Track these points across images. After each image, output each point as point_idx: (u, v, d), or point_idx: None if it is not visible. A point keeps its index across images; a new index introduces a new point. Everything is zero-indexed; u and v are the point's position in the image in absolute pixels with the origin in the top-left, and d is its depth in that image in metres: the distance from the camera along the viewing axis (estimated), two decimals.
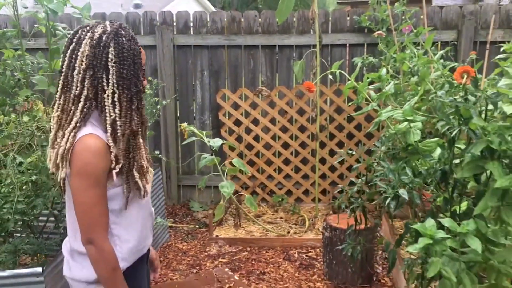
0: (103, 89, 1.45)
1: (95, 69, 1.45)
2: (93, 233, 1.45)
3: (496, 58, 2.39)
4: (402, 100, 3.15)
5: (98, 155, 1.43)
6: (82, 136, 1.43)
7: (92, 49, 1.44)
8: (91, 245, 1.45)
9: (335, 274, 3.20)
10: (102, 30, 1.47)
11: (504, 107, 1.72)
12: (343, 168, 4.54)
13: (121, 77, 1.46)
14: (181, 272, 3.41)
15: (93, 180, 1.42)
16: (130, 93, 1.48)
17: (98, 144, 1.43)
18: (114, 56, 1.45)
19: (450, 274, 1.78)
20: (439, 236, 1.73)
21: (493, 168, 1.74)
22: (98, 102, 1.46)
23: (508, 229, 1.87)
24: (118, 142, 1.47)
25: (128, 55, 1.48)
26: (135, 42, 1.52)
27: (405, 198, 1.92)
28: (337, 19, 4.44)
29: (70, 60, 1.46)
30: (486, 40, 4.23)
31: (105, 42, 1.45)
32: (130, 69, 1.48)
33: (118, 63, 1.46)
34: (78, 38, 1.47)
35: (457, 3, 13.89)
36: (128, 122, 1.48)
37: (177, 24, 4.60)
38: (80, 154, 1.41)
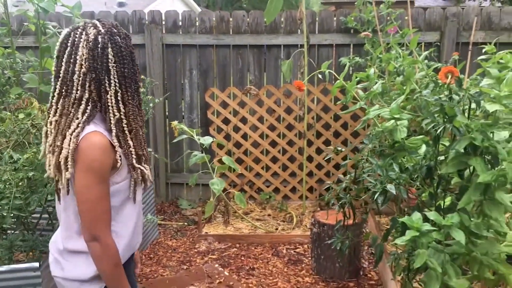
0: (106, 90, 1.46)
1: (96, 71, 1.45)
2: (98, 229, 1.46)
3: (478, 59, 2.48)
4: (388, 99, 3.23)
5: (104, 152, 1.44)
6: (87, 133, 1.44)
7: (90, 52, 1.44)
8: (95, 242, 1.46)
9: (323, 269, 3.28)
10: (96, 31, 1.47)
11: (487, 106, 1.80)
12: (330, 166, 4.63)
13: (123, 76, 1.49)
14: (171, 269, 3.46)
15: (99, 176, 1.44)
16: (132, 91, 1.52)
17: (103, 141, 1.45)
18: (113, 56, 1.46)
19: (436, 265, 1.87)
20: (425, 229, 1.81)
21: (476, 163, 1.83)
22: (102, 103, 1.47)
23: (490, 222, 1.96)
24: (125, 141, 1.50)
25: (127, 54, 1.50)
26: (129, 39, 1.54)
27: (393, 193, 2.00)
28: (323, 20, 4.53)
29: (68, 65, 1.46)
30: (468, 41, 4.36)
31: (103, 43, 1.45)
32: (130, 67, 1.51)
33: (119, 63, 1.47)
34: (72, 42, 1.46)
35: (439, 5, 14.12)
36: (133, 120, 1.52)
37: (166, 23, 4.64)
38: (87, 151, 1.42)
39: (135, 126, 1.52)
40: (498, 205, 1.88)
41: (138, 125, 1.54)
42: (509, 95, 1.85)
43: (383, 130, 2.28)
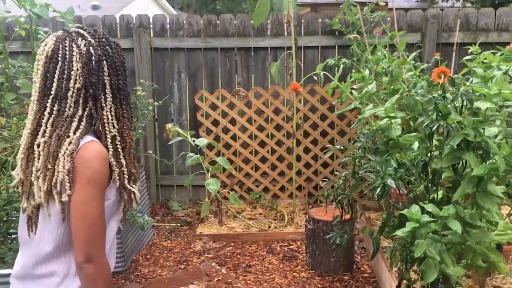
0: (102, 106, 1.38)
1: (92, 86, 1.36)
2: (95, 249, 1.33)
3: (464, 59, 2.62)
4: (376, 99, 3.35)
5: (105, 162, 1.35)
6: (86, 142, 1.34)
7: (85, 66, 1.35)
8: (90, 263, 1.32)
9: (318, 264, 3.39)
10: (87, 42, 1.37)
11: (479, 104, 1.92)
12: (318, 165, 4.74)
13: (117, 89, 1.41)
14: (169, 268, 3.52)
15: (100, 189, 1.34)
16: (126, 104, 1.44)
17: (104, 151, 1.36)
18: (108, 69, 1.38)
19: (434, 254, 1.99)
20: (424, 220, 1.92)
21: (469, 158, 1.96)
22: (97, 120, 1.38)
23: (483, 212, 2.09)
24: (118, 160, 1.40)
25: (120, 64, 1.42)
26: (120, 49, 1.46)
27: (392, 187, 2.12)
28: (309, 22, 4.64)
29: (61, 82, 1.34)
30: (448, 42, 4.54)
31: (97, 56, 1.37)
32: (124, 78, 1.43)
33: (113, 75, 1.39)
34: (63, 56, 1.35)
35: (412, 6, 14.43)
36: (127, 135, 1.43)
37: (154, 27, 4.69)
38: (89, 161, 1.32)
39: (129, 142, 1.43)
40: (491, 196, 2.01)
41: (131, 140, 1.44)
42: (498, 93, 1.98)
43: (377, 128, 2.39)
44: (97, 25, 4.65)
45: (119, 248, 3.36)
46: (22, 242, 1.46)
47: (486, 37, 4.52)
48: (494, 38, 4.52)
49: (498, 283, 2.90)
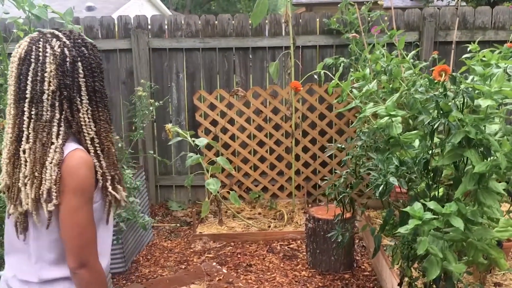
0: (78, 109, 1.35)
1: (67, 88, 1.33)
2: (88, 254, 1.34)
3: (463, 57, 2.63)
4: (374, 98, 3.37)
5: (91, 169, 1.34)
6: (71, 151, 1.32)
7: (59, 68, 1.32)
8: (84, 268, 1.33)
9: (318, 263, 3.40)
10: (61, 44, 1.34)
11: (480, 101, 1.94)
12: (316, 164, 4.75)
13: (93, 91, 1.38)
14: (170, 268, 3.52)
15: (88, 197, 1.34)
16: (102, 106, 1.41)
17: (88, 158, 1.35)
18: (83, 71, 1.35)
19: (437, 251, 2.00)
20: (427, 217, 1.93)
21: (471, 155, 1.97)
22: (75, 122, 1.35)
23: (484, 209, 2.10)
24: (102, 159, 1.39)
25: (96, 66, 1.39)
26: (97, 49, 1.43)
27: (394, 184, 2.13)
28: (307, 22, 4.65)
29: (35, 84, 1.31)
30: (445, 40, 4.56)
31: (72, 57, 1.34)
32: (100, 80, 1.41)
33: (89, 77, 1.37)
34: (37, 57, 1.32)
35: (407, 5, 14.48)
36: (105, 138, 1.41)
37: (152, 28, 4.69)
38: (76, 170, 1.31)
39: (107, 145, 1.41)
40: (492, 193, 2.02)
41: (110, 142, 1.42)
42: (499, 90, 1.99)
43: (378, 126, 2.40)
44: (95, 26, 4.65)
45: (119, 249, 3.36)
46: (14, 247, 1.44)
47: (483, 36, 4.54)
48: (491, 36, 4.54)
49: (499, 279, 2.92)
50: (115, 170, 1.44)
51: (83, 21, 4.64)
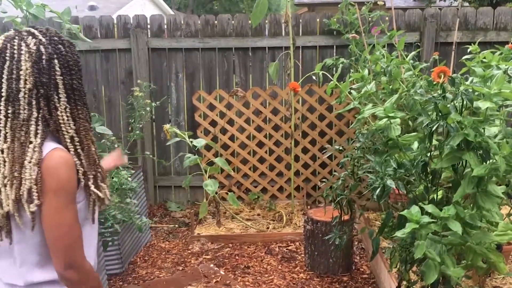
0: (55, 107, 1.32)
1: (43, 86, 1.31)
2: (74, 255, 1.32)
3: (463, 59, 2.61)
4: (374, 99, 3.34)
5: (72, 168, 1.31)
6: (50, 151, 1.30)
7: (35, 65, 1.30)
8: (71, 269, 1.31)
9: (317, 265, 3.37)
10: (37, 41, 1.32)
11: (479, 103, 1.91)
12: (316, 165, 4.72)
13: (71, 89, 1.36)
14: (167, 270, 3.50)
15: (71, 197, 1.31)
16: (81, 104, 1.38)
17: (69, 157, 1.32)
18: (60, 68, 1.33)
19: (434, 255, 1.97)
20: (424, 221, 1.91)
21: (469, 158, 1.94)
22: (53, 121, 1.33)
23: (483, 213, 2.07)
24: (82, 158, 1.36)
25: (73, 64, 1.37)
26: (74, 47, 1.40)
27: (391, 187, 2.10)
28: (307, 22, 4.62)
29: (10, 82, 1.30)
30: (446, 41, 4.53)
31: (47, 54, 1.31)
32: (78, 78, 1.39)
33: (66, 75, 1.34)
34: (11, 55, 1.30)
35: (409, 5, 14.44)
36: (84, 136, 1.38)
37: (151, 28, 4.67)
38: (56, 170, 1.28)
39: (87, 143, 1.38)
40: (491, 196, 1.99)
41: (90, 141, 1.40)
42: (498, 92, 1.96)
43: (377, 128, 2.37)
44: (94, 25, 4.63)
45: (116, 250, 3.34)
46: None
47: (484, 36, 4.51)
48: (493, 37, 4.51)
49: (498, 283, 2.89)
50: (97, 169, 1.42)
51: (82, 21, 4.62)
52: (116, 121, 4.80)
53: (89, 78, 4.73)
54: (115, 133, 4.02)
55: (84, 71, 4.70)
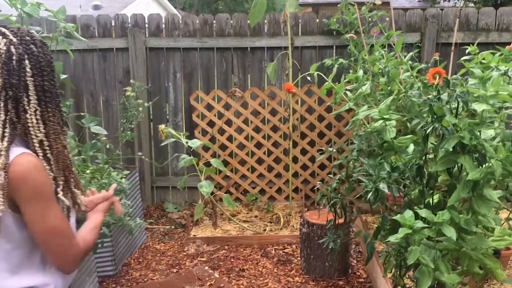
0: (24, 109, 1.28)
1: (12, 88, 1.26)
2: (68, 253, 1.32)
3: (462, 59, 2.55)
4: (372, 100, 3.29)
5: (43, 171, 1.27)
6: (17, 156, 1.25)
7: (5, 66, 1.26)
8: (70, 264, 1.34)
9: (312, 268, 3.32)
10: (7, 41, 1.28)
11: (475, 106, 1.85)
12: (315, 166, 4.67)
13: (42, 91, 1.31)
14: (161, 272, 3.46)
15: (50, 197, 1.28)
16: (53, 107, 1.34)
17: (37, 162, 1.27)
18: (31, 69, 1.28)
19: (428, 261, 1.92)
20: (417, 226, 1.86)
21: (464, 162, 1.89)
22: (21, 124, 1.28)
23: (479, 218, 2.02)
24: (52, 163, 1.31)
25: (45, 64, 1.32)
26: (47, 48, 1.36)
27: (385, 191, 2.05)
28: (306, 22, 4.57)
29: None
30: (447, 42, 4.47)
31: (18, 55, 1.27)
32: (50, 80, 1.34)
33: (37, 76, 1.30)
34: None
35: (415, 6, 14.36)
36: (54, 140, 1.33)
37: (149, 27, 4.63)
38: (28, 175, 1.24)
39: (57, 148, 1.33)
40: (487, 201, 1.94)
41: (61, 145, 1.35)
42: (495, 94, 1.91)
43: (372, 130, 2.32)
44: (92, 24, 4.60)
45: (109, 252, 3.30)
46: None
47: (486, 37, 4.45)
48: (495, 38, 4.44)
49: None
50: (69, 174, 1.38)
51: (79, 20, 4.58)
52: (114, 121, 4.76)
53: (87, 77, 4.70)
54: (112, 133, 3.99)
55: (82, 70, 4.68)
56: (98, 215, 1.54)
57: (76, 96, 4.72)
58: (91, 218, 1.52)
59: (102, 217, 1.55)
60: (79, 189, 1.43)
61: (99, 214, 1.54)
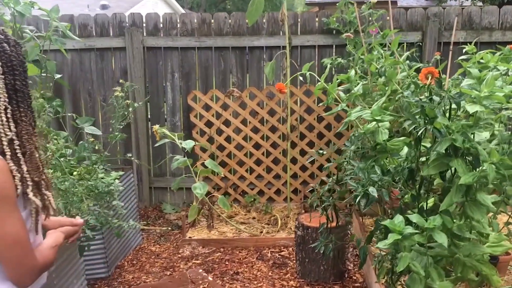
0: None
1: None
2: (26, 263, 1.26)
3: (459, 59, 2.48)
4: (370, 100, 3.22)
5: (7, 173, 1.23)
6: None
7: None
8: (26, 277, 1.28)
9: (307, 272, 3.25)
10: None
11: (467, 107, 1.78)
12: (314, 168, 4.60)
13: (14, 90, 1.29)
14: (154, 275, 3.41)
15: (9, 203, 1.23)
16: (25, 107, 1.32)
17: (3, 162, 1.23)
18: (2, 67, 1.27)
19: (419, 268, 1.85)
20: (407, 232, 1.79)
21: (457, 165, 1.82)
22: None
23: (472, 223, 1.95)
24: (18, 165, 1.27)
25: (17, 63, 1.31)
26: (20, 47, 1.35)
27: (375, 196, 1.98)
28: (306, 21, 4.51)
29: None
30: (450, 41, 4.37)
31: None
32: (22, 79, 1.32)
33: (8, 74, 1.28)
34: None
35: (422, 5, 14.22)
36: (27, 140, 1.31)
37: (146, 26, 4.58)
38: None
39: (29, 148, 1.31)
40: (480, 206, 1.87)
41: (33, 146, 1.33)
42: (489, 95, 1.84)
43: (365, 132, 2.26)
44: (90, 24, 4.56)
45: (102, 254, 3.26)
46: None
47: (489, 36, 4.36)
48: (498, 37, 4.35)
49: None
50: (40, 175, 1.34)
51: (77, 19, 4.54)
52: None
53: (84, 77, 4.66)
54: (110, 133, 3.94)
55: (79, 69, 4.64)
56: (60, 236, 1.48)
57: (74, 96, 4.69)
58: (53, 236, 1.46)
59: (63, 239, 1.49)
60: (50, 191, 1.38)
61: (61, 235, 1.48)
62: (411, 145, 2.13)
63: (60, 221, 1.55)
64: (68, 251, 2.56)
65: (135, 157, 4.62)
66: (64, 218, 1.59)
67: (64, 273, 2.49)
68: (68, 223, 1.56)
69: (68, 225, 1.55)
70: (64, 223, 1.56)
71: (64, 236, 1.50)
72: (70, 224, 1.56)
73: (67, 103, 4.67)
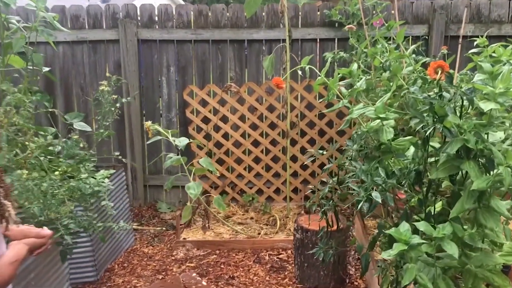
0: None
1: None
2: None
3: (469, 53, 2.30)
4: (374, 96, 3.04)
5: None
6: None
7: None
8: None
9: (306, 277, 3.09)
10: None
11: (481, 104, 1.61)
12: (315, 166, 4.43)
13: None
14: (146, 279, 3.25)
15: None
16: None
17: None
18: None
19: (426, 281, 1.69)
20: (414, 242, 1.63)
21: (469, 168, 1.65)
22: None
23: (485, 232, 1.78)
24: None
25: None
26: None
27: (378, 201, 1.81)
28: (307, 13, 4.32)
29: None
30: (457, 35, 4.19)
31: None
32: None
33: None
34: None
35: None
36: None
37: (141, 18, 4.41)
38: None
39: None
40: (494, 213, 1.69)
41: None
42: (504, 92, 1.67)
43: (368, 130, 2.09)
44: (82, 15, 4.38)
45: (90, 256, 3.10)
46: None
47: (499, 30, 4.19)
48: (508, 30, 4.17)
49: None
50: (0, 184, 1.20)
51: (69, 10, 4.37)
52: None
53: (76, 70, 4.49)
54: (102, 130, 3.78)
55: (71, 63, 4.48)
56: (23, 248, 1.34)
57: (65, 90, 4.52)
58: (14, 249, 1.31)
59: (26, 252, 1.34)
60: (9, 200, 1.22)
61: (24, 248, 1.34)
62: (418, 145, 1.96)
63: (24, 231, 1.39)
64: (50, 256, 2.40)
65: (129, 154, 4.47)
66: (29, 228, 1.43)
67: (45, 279, 2.33)
68: (34, 235, 1.40)
69: (34, 236, 1.39)
70: (29, 234, 1.39)
71: (28, 249, 1.34)
72: (36, 236, 1.40)
73: (59, 97, 4.50)
